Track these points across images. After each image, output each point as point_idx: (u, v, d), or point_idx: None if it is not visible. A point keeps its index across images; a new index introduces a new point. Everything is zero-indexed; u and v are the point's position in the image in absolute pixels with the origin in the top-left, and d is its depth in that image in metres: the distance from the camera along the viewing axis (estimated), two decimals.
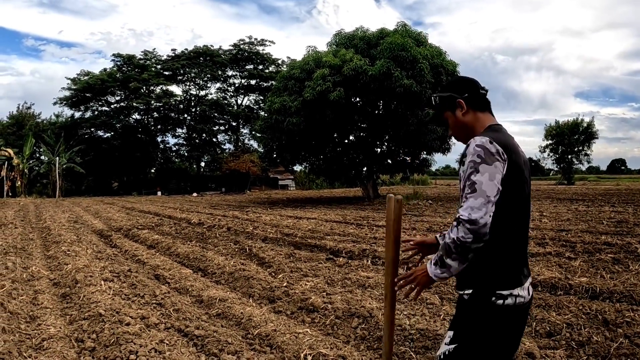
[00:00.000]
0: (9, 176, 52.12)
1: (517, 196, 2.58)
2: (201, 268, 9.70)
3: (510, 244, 2.58)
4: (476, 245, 2.40)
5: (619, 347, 4.75)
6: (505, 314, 2.55)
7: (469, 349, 2.58)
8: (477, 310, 2.57)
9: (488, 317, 2.54)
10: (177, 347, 4.92)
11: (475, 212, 2.37)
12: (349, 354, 4.77)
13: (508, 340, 2.62)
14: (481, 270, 2.56)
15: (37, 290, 7.60)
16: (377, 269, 9.08)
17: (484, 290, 2.55)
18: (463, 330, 2.61)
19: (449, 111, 2.87)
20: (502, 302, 2.53)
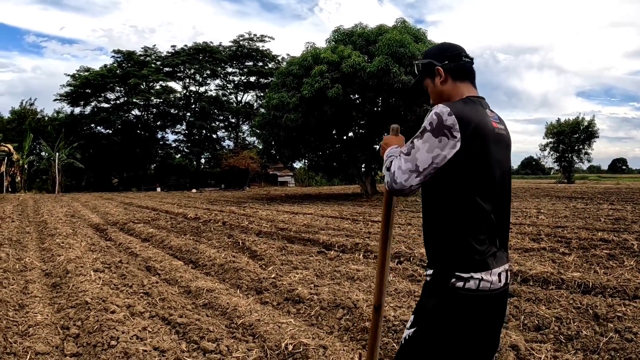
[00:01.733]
0: (9, 172, 52.12)
1: (479, 174, 2.44)
2: (192, 260, 9.75)
3: (472, 224, 2.44)
4: (394, 194, 2.48)
5: (608, 341, 4.73)
6: (466, 299, 2.42)
7: (428, 335, 2.48)
8: (437, 292, 2.47)
9: (447, 300, 2.44)
10: (159, 335, 4.96)
11: (399, 174, 2.36)
12: (331, 344, 4.78)
13: (473, 329, 2.48)
14: (441, 251, 2.48)
15: (28, 280, 7.66)
16: (368, 262, 9.12)
17: (444, 272, 2.44)
18: (422, 313, 2.52)
19: (428, 79, 2.75)
20: (462, 284, 2.40)
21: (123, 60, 67.96)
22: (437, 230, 2.50)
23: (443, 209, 2.48)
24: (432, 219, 2.53)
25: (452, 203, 2.45)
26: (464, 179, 2.43)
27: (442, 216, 2.48)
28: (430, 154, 2.36)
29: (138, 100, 65.85)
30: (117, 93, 67.57)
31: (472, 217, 2.46)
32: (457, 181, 2.42)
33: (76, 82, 63.86)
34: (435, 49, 2.80)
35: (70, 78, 65.03)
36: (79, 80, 63.72)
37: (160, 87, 67.67)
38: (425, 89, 2.81)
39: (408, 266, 8.51)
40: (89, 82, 62.81)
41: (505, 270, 2.54)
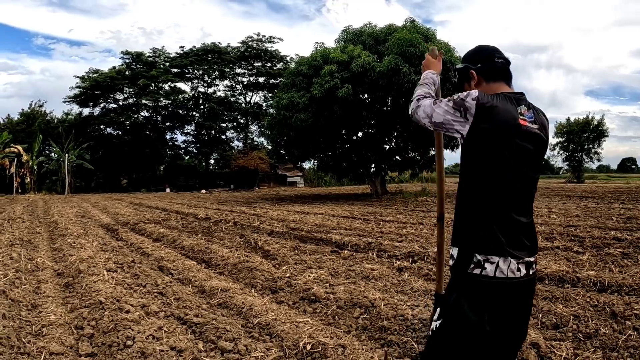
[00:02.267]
0: (19, 173, 52.37)
1: (501, 163, 2.61)
2: (205, 260, 9.70)
3: (488, 211, 2.62)
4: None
5: (627, 339, 4.68)
6: (485, 286, 2.56)
7: (454, 326, 2.60)
8: (457, 282, 2.64)
9: (468, 290, 2.58)
10: (175, 334, 4.91)
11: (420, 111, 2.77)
12: (349, 343, 4.73)
13: (494, 318, 2.59)
14: (465, 230, 2.67)
15: (40, 280, 7.63)
16: (382, 261, 9.06)
17: (465, 252, 2.62)
18: (446, 306, 2.66)
19: (465, 83, 2.95)
20: (480, 271, 2.55)
21: (132, 61, 68.12)
22: (464, 211, 2.69)
23: (468, 193, 2.68)
24: (460, 200, 2.74)
25: (475, 188, 2.66)
26: (484, 166, 2.63)
27: (467, 199, 2.69)
28: (443, 117, 2.68)
29: (147, 101, 66.01)
30: (126, 94, 67.72)
31: (494, 203, 2.63)
32: (477, 168, 2.64)
33: (85, 83, 64.03)
34: (470, 52, 3.00)
35: (79, 80, 65.26)
36: (88, 82, 63.88)
37: (169, 88, 67.84)
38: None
39: (423, 265, 8.44)
40: (98, 84, 62.95)
41: (527, 262, 2.66)
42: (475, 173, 2.64)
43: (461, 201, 2.72)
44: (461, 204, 2.72)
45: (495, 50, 2.93)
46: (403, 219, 16.46)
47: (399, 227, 14.11)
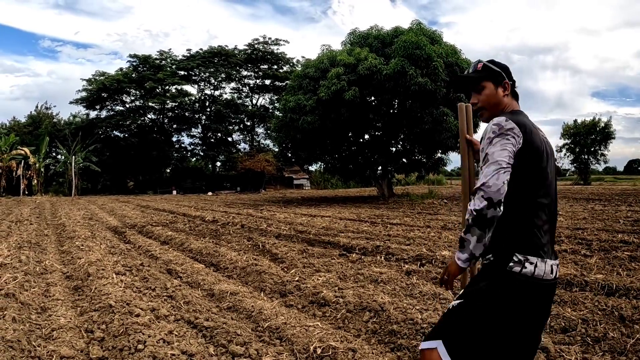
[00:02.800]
0: (26, 175, 52.58)
1: (535, 173, 2.72)
2: (213, 263, 9.71)
3: (529, 215, 2.70)
4: (492, 213, 2.51)
5: (635, 343, 4.68)
6: (520, 283, 2.62)
7: (474, 310, 2.65)
8: (492, 274, 2.69)
9: (501, 281, 2.65)
10: (185, 338, 4.91)
11: (489, 178, 2.53)
12: (360, 347, 4.73)
13: (521, 316, 2.64)
14: (504, 236, 2.68)
15: (49, 283, 7.64)
16: (390, 264, 9.05)
17: (503, 254, 2.67)
18: (472, 289, 2.74)
19: (490, 82, 2.99)
20: (519, 269, 2.62)
21: (139, 64, 68.32)
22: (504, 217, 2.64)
23: (510, 200, 2.64)
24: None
25: (519, 195, 2.69)
26: (524, 174, 2.68)
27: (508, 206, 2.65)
28: (505, 150, 2.62)
29: (154, 103, 66.12)
30: (132, 96, 67.97)
31: (531, 209, 2.71)
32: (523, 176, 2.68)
33: (92, 86, 64.24)
34: (503, 66, 3.05)
35: (86, 82, 65.52)
36: (94, 84, 64.10)
37: (176, 90, 67.97)
38: (477, 87, 3.05)
39: (431, 268, 8.44)
40: (105, 87, 63.18)
41: (555, 264, 2.77)
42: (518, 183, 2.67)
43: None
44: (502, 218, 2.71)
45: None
46: (410, 222, 16.45)
47: (406, 230, 14.10)
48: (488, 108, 3.01)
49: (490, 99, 2.99)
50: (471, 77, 3.05)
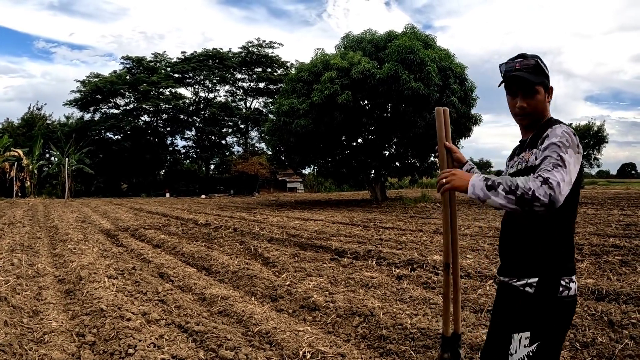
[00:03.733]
0: (19, 177, 52.41)
1: (578, 189, 2.62)
2: (205, 267, 9.73)
3: (571, 232, 2.66)
4: (539, 209, 2.34)
5: (624, 348, 4.69)
6: (569, 305, 2.60)
7: (550, 346, 2.58)
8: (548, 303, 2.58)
9: (559, 308, 2.58)
10: (176, 343, 4.93)
11: (562, 185, 2.33)
12: (349, 352, 4.76)
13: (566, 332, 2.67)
14: (548, 256, 2.60)
15: (41, 286, 7.66)
16: (382, 269, 9.08)
17: (551, 278, 2.57)
18: (540, 327, 2.58)
19: (542, 88, 2.75)
20: (567, 292, 2.57)
21: (133, 66, 68.24)
22: (545, 236, 2.60)
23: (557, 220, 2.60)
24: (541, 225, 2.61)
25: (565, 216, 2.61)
26: (574, 196, 2.60)
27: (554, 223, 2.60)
28: (576, 168, 2.47)
29: (148, 106, 65.98)
30: (126, 99, 67.80)
31: (572, 226, 2.68)
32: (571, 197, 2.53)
33: (86, 88, 64.11)
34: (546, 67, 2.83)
35: (80, 84, 65.36)
36: (88, 86, 63.97)
37: (170, 93, 67.89)
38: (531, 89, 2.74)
39: (422, 273, 8.47)
40: (99, 88, 63.06)
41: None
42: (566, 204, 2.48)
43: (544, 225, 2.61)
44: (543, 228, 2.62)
45: None
46: (402, 226, 16.48)
47: (399, 234, 14.13)
48: (535, 115, 2.78)
49: (540, 105, 2.76)
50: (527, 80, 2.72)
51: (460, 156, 3.22)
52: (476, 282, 7.70)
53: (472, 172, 3.02)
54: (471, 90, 30.11)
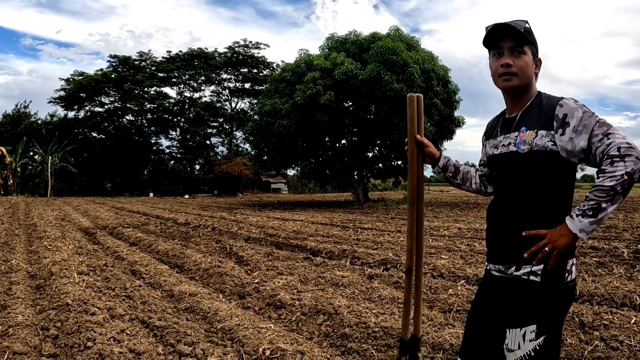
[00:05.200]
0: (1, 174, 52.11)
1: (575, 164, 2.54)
2: (178, 265, 9.74)
3: (570, 210, 2.51)
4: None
5: (593, 350, 4.67)
6: (574, 289, 2.55)
7: (556, 338, 2.50)
8: (552, 293, 2.46)
9: (564, 296, 2.49)
10: (137, 337, 4.95)
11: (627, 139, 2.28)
12: (309, 350, 4.77)
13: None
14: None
15: (12, 282, 7.65)
16: (354, 268, 9.10)
17: (559, 264, 2.44)
18: (547, 319, 2.47)
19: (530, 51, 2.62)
20: (571, 277, 2.48)
21: (118, 64, 67.99)
22: (548, 217, 2.50)
23: (558, 195, 2.52)
24: (542, 207, 2.52)
25: (566, 187, 2.54)
26: (572, 170, 2.54)
27: (556, 202, 2.52)
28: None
29: (132, 105, 65.79)
30: (111, 98, 67.56)
31: (571, 200, 2.58)
32: (570, 173, 2.54)
33: (70, 86, 63.83)
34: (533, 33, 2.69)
35: (64, 82, 65.07)
36: (72, 84, 63.69)
37: (155, 92, 67.71)
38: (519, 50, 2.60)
39: (394, 273, 8.50)
40: (83, 87, 62.82)
41: None
42: (566, 179, 2.51)
43: (538, 210, 2.52)
44: (539, 213, 2.52)
45: None
46: (382, 227, 16.55)
47: (377, 234, 14.19)
48: (521, 79, 2.60)
49: (528, 69, 2.59)
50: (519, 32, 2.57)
51: (432, 150, 3.02)
52: (448, 282, 7.73)
53: (449, 165, 3.07)
54: (454, 92, 30.27)
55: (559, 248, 2.38)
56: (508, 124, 2.70)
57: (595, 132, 2.34)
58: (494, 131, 2.83)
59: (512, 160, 2.59)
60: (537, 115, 2.53)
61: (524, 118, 2.59)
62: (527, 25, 2.59)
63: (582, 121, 2.37)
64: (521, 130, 2.57)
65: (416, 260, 2.96)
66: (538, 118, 2.52)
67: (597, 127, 2.35)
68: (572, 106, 2.43)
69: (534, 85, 2.66)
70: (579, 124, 2.38)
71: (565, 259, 2.45)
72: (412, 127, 2.89)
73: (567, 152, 2.42)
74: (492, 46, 2.69)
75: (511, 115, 2.71)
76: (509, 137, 2.64)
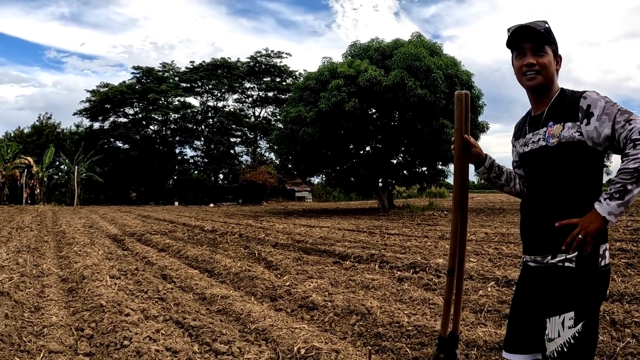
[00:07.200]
0: (28, 184, 52.72)
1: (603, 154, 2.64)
2: (208, 269, 9.78)
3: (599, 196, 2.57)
4: None
5: (625, 346, 4.68)
6: (608, 274, 2.60)
7: (594, 324, 2.53)
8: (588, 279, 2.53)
9: (599, 281, 2.56)
10: (172, 337, 4.99)
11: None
12: (343, 349, 4.77)
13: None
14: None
15: (44, 285, 7.75)
16: (383, 272, 9.09)
17: (593, 249, 2.52)
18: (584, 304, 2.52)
19: (550, 49, 2.74)
20: (604, 262, 2.56)
21: (142, 76, 68.54)
22: (579, 206, 2.58)
23: (588, 183, 2.61)
24: (573, 196, 2.61)
25: (596, 176, 2.64)
26: (601, 154, 2.61)
27: (587, 191, 2.61)
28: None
29: (156, 115, 66.27)
30: (135, 108, 68.07)
31: (601, 187, 2.65)
32: (599, 156, 2.61)
33: (95, 97, 64.46)
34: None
35: (90, 94, 65.70)
36: (97, 96, 64.31)
37: (179, 102, 68.13)
38: (540, 48, 2.73)
39: (424, 275, 8.47)
40: (108, 98, 63.40)
41: None
42: (594, 168, 2.62)
43: (570, 199, 2.61)
44: (571, 202, 2.60)
45: None
46: (408, 232, 16.50)
47: (404, 239, 14.15)
48: (544, 77, 2.72)
49: (549, 67, 2.71)
50: (539, 33, 2.70)
51: (479, 150, 3.04)
52: (478, 284, 7.69)
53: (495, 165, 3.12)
54: (478, 97, 30.14)
55: (591, 233, 2.47)
56: (535, 122, 2.82)
57: (617, 119, 2.46)
58: (522, 130, 2.95)
59: (542, 155, 2.71)
60: (562, 109, 2.65)
61: (550, 113, 2.72)
62: (546, 26, 2.73)
63: (605, 110, 2.49)
64: (549, 125, 2.69)
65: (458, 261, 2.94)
66: (563, 111, 2.64)
67: (619, 115, 2.47)
68: (594, 97, 2.55)
69: (556, 81, 2.79)
70: (602, 113, 2.49)
71: (598, 244, 2.52)
72: (459, 125, 2.88)
73: (593, 141, 2.53)
74: (514, 47, 2.82)
75: (537, 113, 2.83)
76: (538, 134, 2.76)
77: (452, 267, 2.92)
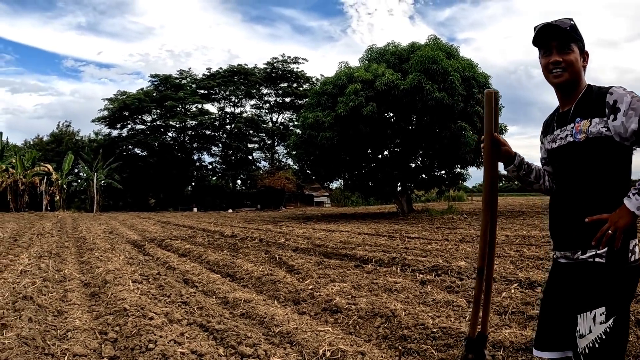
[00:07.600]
0: (48, 191, 53.18)
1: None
2: (230, 274, 9.78)
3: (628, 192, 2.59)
4: None
5: None
6: (638, 269, 2.59)
7: (625, 319, 2.54)
8: (620, 272, 2.55)
9: (630, 276, 2.57)
10: (196, 340, 4.98)
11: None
12: (369, 351, 4.75)
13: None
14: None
15: (67, 289, 7.79)
16: (405, 275, 9.05)
17: (622, 245, 2.53)
18: (615, 300, 2.53)
19: (576, 47, 2.78)
20: (634, 257, 2.56)
21: (159, 83, 68.89)
22: (608, 202, 2.60)
23: (617, 179, 2.64)
24: (602, 191, 2.63)
25: (624, 171, 2.66)
26: (629, 149, 2.64)
27: (615, 186, 2.63)
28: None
29: (174, 122, 66.51)
30: (153, 115, 68.38)
31: (630, 182, 2.67)
32: (627, 151, 2.64)
33: (113, 105, 64.87)
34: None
35: (108, 102, 66.11)
36: (116, 103, 64.72)
37: (196, 109, 68.38)
38: (567, 46, 2.77)
39: (446, 278, 8.42)
40: (126, 106, 63.78)
41: None
42: (622, 163, 2.64)
43: (599, 195, 2.63)
44: (600, 198, 2.63)
45: None
46: (428, 236, 16.44)
47: (424, 243, 14.10)
48: (571, 74, 2.76)
49: (576, 64, 2.75)
50: (565, 31, 2.75)
51: (508, 149, 3.03)
52: (500, 285, 7.63)
53: (524, 163, 3.09)
54: None
55: (621, 228, 2.50)
56: (563, 118, 2.85)
57: (633, 108, 2.51)
58: (551, 127, 2.98)
59: (571, 150, 2.73)
60: (589, 105, 2.68)
61: (577, 109, 2.75)
62: (572, 23, 2.78)
63: (632, 105, 2.52)
64: (576, 121, 2.72)
65: (487, 261, 2.94)
66: (591, 107, 2.67)
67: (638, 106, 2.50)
68: (620, 93, 2.58)
69: (583, 78, 2.82)
70: (628, 108, 2.52)
71: (627, 240, 2.54)
72: (489, 124, 2.90)
73: (620, 136, 2.56)
74: (541, 45, 2.86)
75: (564, 109, 2.87)
76: (566, 130, 2.79)
77: (481, 267, 2.94)
